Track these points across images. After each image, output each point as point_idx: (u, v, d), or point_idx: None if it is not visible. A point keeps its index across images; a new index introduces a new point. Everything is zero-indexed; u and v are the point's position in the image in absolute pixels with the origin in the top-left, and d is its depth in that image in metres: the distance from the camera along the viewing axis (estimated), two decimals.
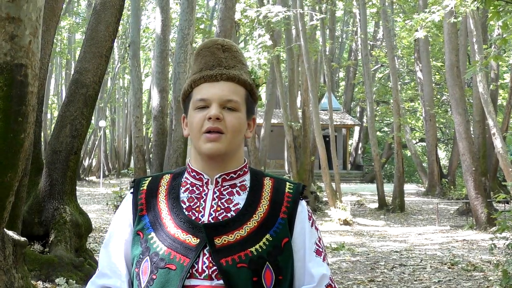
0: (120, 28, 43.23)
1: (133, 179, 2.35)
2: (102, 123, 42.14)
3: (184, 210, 2.15)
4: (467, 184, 20.11)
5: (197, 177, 2.22)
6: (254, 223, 2.16)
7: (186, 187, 2.22)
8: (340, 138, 44.37)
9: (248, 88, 2.26)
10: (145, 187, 2.24)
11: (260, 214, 2.18)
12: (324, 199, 26.63)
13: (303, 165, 25.63)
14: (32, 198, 9.60)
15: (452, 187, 31.68)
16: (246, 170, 2.29)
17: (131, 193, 2.25)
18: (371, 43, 41.78)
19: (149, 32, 39.43)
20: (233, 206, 2.18)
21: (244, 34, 37.87)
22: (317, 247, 2.26)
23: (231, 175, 2.23)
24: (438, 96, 40.27)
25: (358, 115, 48.44)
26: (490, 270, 11.15)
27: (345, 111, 45.85)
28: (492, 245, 8.61)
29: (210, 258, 2.07)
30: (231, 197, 2.20)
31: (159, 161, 17.48)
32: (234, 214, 2.16)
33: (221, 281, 2.04)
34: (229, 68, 2.22)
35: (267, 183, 2.29)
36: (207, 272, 2.05)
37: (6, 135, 5.90)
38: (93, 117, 51.47)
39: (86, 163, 48.81)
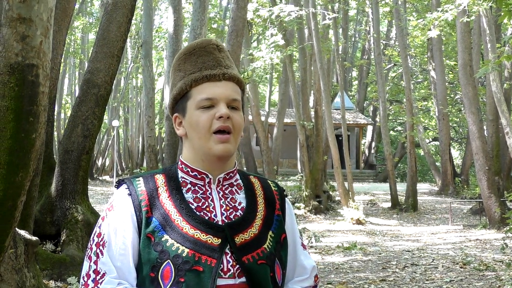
0: (133, 28, 43.37)
1: (118, 179, 2.31)
2: (115, 123, 42.21)
3: (195, 211, 2.15)
4: (480, 183, 20.03)
5: (199, 176, 2.21)
6: (260, 221, 2.21)
7: (187, 187, 2.21)
8: (353, 137, 44.29)
9: (242, 87, 2.29)
10: (143, 188, 2.19)
11: (261, 212, 2.24)
12: (337, 198, 26.60)
13: (316, 164, 25.59)
14: (44, 197, 9.65)
15: (465, 186, 31.55)
16: (236, 169, 2.32)
17: (128, 194, 2.18)
18: (384, 42, 41.66)
19: (162, 31, 39.51)
20: (238, 205, 2.22)
21: (257, 34, 37.85)
22: (301, 241, 2.40)
23: (230, 174, 2.26)
24: (452, 95, 40.11)
25: (371, 114, 48.31)
26: (503, 269, 11.09)
27: (358, 110, 45.77)
28: (504, 244, 8.57)
29: (233, 256, 2.09)
30: (234, 196, 2.24)
31: (171, 161, 17.52)
32: (242, 213, 2.20)
33: (243, 279, 2.08)
34: (228, 68, 2.23)
35: (255, 181, 2.35)
36: (232, 270, 2.08)
37: (17, 135, 5.92)
38: (106, 117, 51.65)
39: (99, 162, 48.99)
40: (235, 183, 2.28)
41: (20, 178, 6.00)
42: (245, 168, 32.15)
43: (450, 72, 38.24)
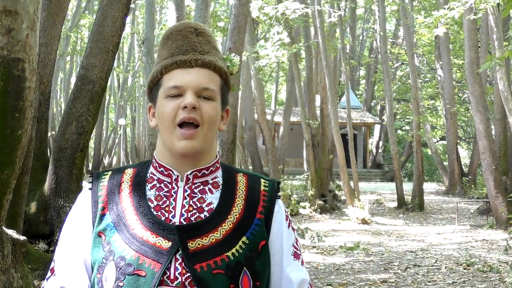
0: (139, 26, 43.28)
1: (91, 173, 2.11)
2: (122, 121, 42.20)
3: (152, 210, 1.94)
4: (487, 183, 19.82)
5: (166, 173, 2.01)
6: (230, 224, 1.96)
7: (152, 183, 2.01)
8: (360, 136, 44.12)
9: (224, 76, 2.07)
10: (105, 183, 2.01)
11: (236, 215, 1.99)
12: (343, 197, 26.39)
13: (321, 163, 25.43)
14: (38, 196, 9.48)
15: (472, 186, 31.30)
16: (218, 165, 2.09)
17: (89, 188, 2.01)
18: (392, 40, 41.44)
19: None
20: (206, 205, 1.98)
21: (263, 32, 37.69)
22: (294, 250, 2.09)
23: (203, 171, 2.03)
24: (460, 94, 39.85)
25: (378, 113, 48.08)
26: (507, 271, 10.87)
27: (366, 109, 45.55)
28: (508, 246, 8.35)
29: (183, 263, 1.87)
30: (204, 196, 2.00)
31: None
32: (207, 215, 1.96)
33: None
34: (203, 53, 2.02)
35: (241, 179, 2.10)
36: (180, 279, 1.86)
37: (2, 131, 5.77)
38: (113, 115, 51.62)
39: (106, 161, 48.93)
40: (210, 181, 2.04)
41: (5, 175, 5.85)
42: (250, 168, 31.99)
43: (458, 71, 37.96)
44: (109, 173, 2.06)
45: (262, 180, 2.12)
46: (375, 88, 46.31)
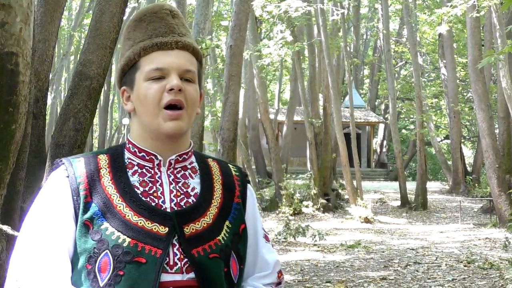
0: None
1: (56, 159, 2.03)
2: (125, 121, 42.14)
3: (141, 196, 1.90)
4: (490, 181, 19.77)
5: (147, 158, 1.97)
6: (215, 209, 1.97)
7: (133, 169, 1.96)
8: (364, 135, 44.00)
9: (199, 58, 2.05)
10: (82, 169, 1.92)
11: (218, 199, 2.00)
12: (346, 196, 26.33)
13: (324, 162, 25.39)
14: (35, 192, 9.44)
15: (476, 184, 31.19)
16: (192, 151, 2.06)
17: (66, 176, 1.90)
18: (396, 39, 41.35)
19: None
20: (191, 190, 1.98)
21: (267, 31, 37.63)
22: (264, 233, 2.14)
23: (183, 156, 2.01)
24: (464, 93, 39.74)
25: (382, 112, 47.96)
26: (506, 267, 10.82)
27: (370, 108, 45.43)
28: (506, 242, 8.30)
29: (181, 249, 1.85)
30: (186, 181, 1.99)
31: None
32: (194, 200, 1.95)
33: (191, 275, 1.84)
34: (182, 35, 1.99)
35: (213, 165, 2.10)
36: (179, 264, 1.84)
37: None
38: (117, 115, 51.72)
39: None
40: (189, 166, 2.03)
41: None
42: (254, 167, 31.96)
43: (462, 70, 37.84)
44: (81, 159, 1.97)
45: (231, 166, 2.14)
46: (379, 87, 46.16)
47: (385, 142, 46.25)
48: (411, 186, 30.03)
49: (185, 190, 1.96)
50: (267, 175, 32.44)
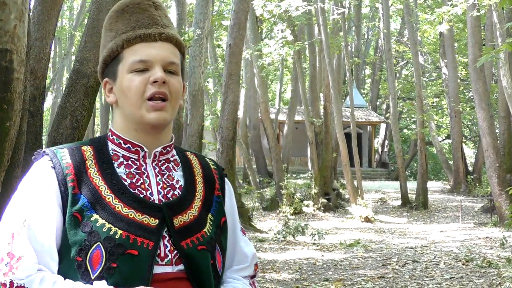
0: None
1: (38, 150, 2.00)
2: None
3: (129, 188, 1.89)
4: (491, 180, 19.73)
5: (133, 149, 1.95)
6: (199, 202, 1.98)
7: (119, 161, 1.94)
8: (365, 135, 43.97)
9: (182, 50, 2.03)
10: (68, 160, 1.89)
11: (200, 192, 2.01)
12: (347, 196, 26.31)
13: (325, 161, 25.38)
14: None
15: (477, 184, 31.13)
16: (173, 144, 2.06)
17: (52, 167, 1.87)
18: (397, 38, 41.30)
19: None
20: (176, 183, 1.98)
21: (268, 30, 37.57)
22: (241, 226, 2.16)
23: (167, 149, 2.01)
24: (466, 93, 39.68)
25: (384, 112, 47.92)
26: (504, 265, 10.80)
27: (371, 108, 45.39)
28: (504, 240, 8.27)
29: (171, 240, 1.85)
30: (171, 173, 1.99)
31: None
32: (180, 192, 1.95)
33: (181, 266, 1.84)
34: (165, 27, 1.98)
35: (192, 158, 2.11)
36: (170, 256, 1.85)
37: None
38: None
39: None
40: (171, 159, 2.03)
41: None
42: (255, 167, 31.95)
43: (463, 69, 37.78)
44: (65, 150, 1.94)
45: (207, 159, 2.15)
46: (380, 86, 46.12)
47: (386, 142, 46.19)
48: (412, 185, 29.99)
49: (170, 182, 1.97)
50: (268, 175, 32.43)
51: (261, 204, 25.17)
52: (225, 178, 2.13)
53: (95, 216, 1.82)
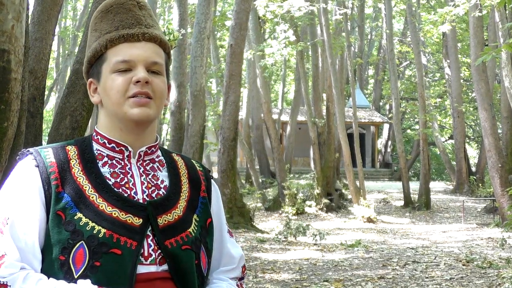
0: None
1: (23, 150, 2.00)
2: None
3: (113, 187, 1.89)
4: (493, 181, 19.69)
5: (117, 149, 1.96)
6: (184, 202, 1.98)
7: (103, 160, 1.95)
8: (369, 135, 43.94)
9: (167, 50, 2.04)
10: (52, 159, 1.90)
11: (186, 193, 2.01)
12: (349, 196, 26.28)
13: (327, 162, 25.37)
14: None
15: (480, 184, 31.11)
16: (158, 145, 2.07)
17: (35, 166, 1.88)
18: (400, 39, 41.27)
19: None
20: (161, 183, 1.98)
21: (271, 31, 37.55)
22: (228, 228, 2.17)
23: (152, 149, 2.01)
24: (469, 93, 39.62)
25: (387, 112, 47.86)
26: (503, 266, 10.78)
27: (375, 108, 45.35)
28: (503, 241, 8.25)
29: (155, 240, 1.85)
30: (156, 173, 1.99)
31: None
32: (164, 192, 1.96)
33: (165, 266, 1.85)
34: (149, 27, 1.98)
35: (178, 159, 2.11)
36: (153, 255, 1.85)
37: None
38: None
39: None
40: (156, 159, 2.03)
41: None
42: (257, 167, 31.94)
43: (466, 70, 37.71)
44: (49, 149, 1.95)
45: (194, 161, 2.16)
46: (383, 86, 46.10)
47: (389, 142, 46.17)
48: (415, 186, 29.99)
49: (155, 182, 1.97)
50: (271, 175, 32.43)
51: (264, 205, 25.18)
52: (212, 181, 2.13)
53: (79, 214, 1.82)
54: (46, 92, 19.42)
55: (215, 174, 18.74)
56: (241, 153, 33.00)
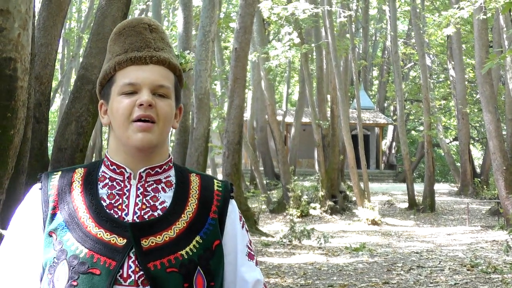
0: None
1: (40, 174, 2.06)
2: None
3: (105, 208, 1.91)
4: (497, 183, 19.66)
5: (118, 171, 1.97)
6: (183, 223, 1.95)
7: (104, 182, 1.97)
8: (373, 137, 43.90)
9: (177, 73, 2.04)
10: (55, 182, 1.96)
11: (189, 214, 1.97)
12: (353, 198, 26.28)
13: (332, 164, 25.35)
14: None
15: (485, 186, 31.07)
16: (171, 165, 2.06)
17: (39, 189, 1.96)
18: (404, 40, 41.25)
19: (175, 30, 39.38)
20: (159, 204, 1.96)
21: (275, 33, 37.56)
22: (249, 251, 2.08)
23: (156, 169, 2.00)
24: (474, 94, 39.58)
25: (392, 114, 47.82)
26: (508, 271, 10.77)
27: (379, 110, 45.31)
28: (508, 246, 8.25)
29: (137, 261, 1.84)
30: (157, 194, 1.98)
31: (180, 160, 17.32)
32: (161, 213, 1.94)
33: None
34: (158, 50, 1.98)
35: (194, 179, 2.08)
36: (133, 277, 1.83)
37: None
38: None
39: None
40: (164, 180, 2.01)
41: None
42: (262, 169, 31.93)
43: (471, 71, 37.67)
44: (59, 172, 2.01)
45: (215, 181, 2.11)
46: (387, 88, 46.07)
47: (394, 144, 46.10)
48: (419, 187, 29.94)
49: (152, 203, 1.96)
50: (275, 177, 32.43)
51: (268, 207, 25.18)
52: (231, 201, 2.08)
53: (68, 235, 1.86)
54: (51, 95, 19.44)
55: (219, 177, 18.75)
56: (245, 155, 32.99)
